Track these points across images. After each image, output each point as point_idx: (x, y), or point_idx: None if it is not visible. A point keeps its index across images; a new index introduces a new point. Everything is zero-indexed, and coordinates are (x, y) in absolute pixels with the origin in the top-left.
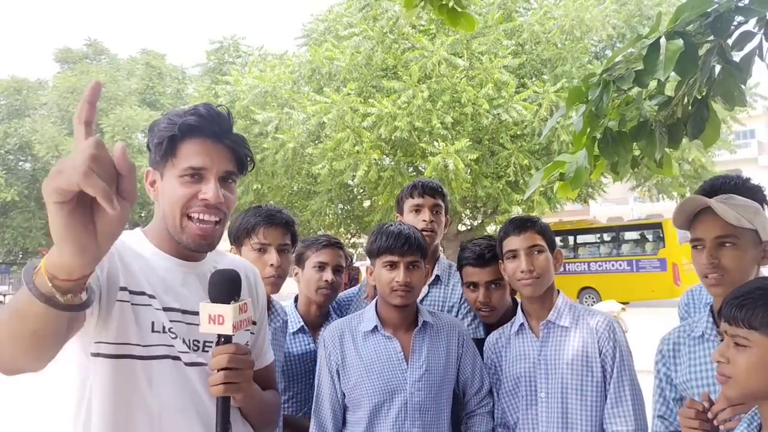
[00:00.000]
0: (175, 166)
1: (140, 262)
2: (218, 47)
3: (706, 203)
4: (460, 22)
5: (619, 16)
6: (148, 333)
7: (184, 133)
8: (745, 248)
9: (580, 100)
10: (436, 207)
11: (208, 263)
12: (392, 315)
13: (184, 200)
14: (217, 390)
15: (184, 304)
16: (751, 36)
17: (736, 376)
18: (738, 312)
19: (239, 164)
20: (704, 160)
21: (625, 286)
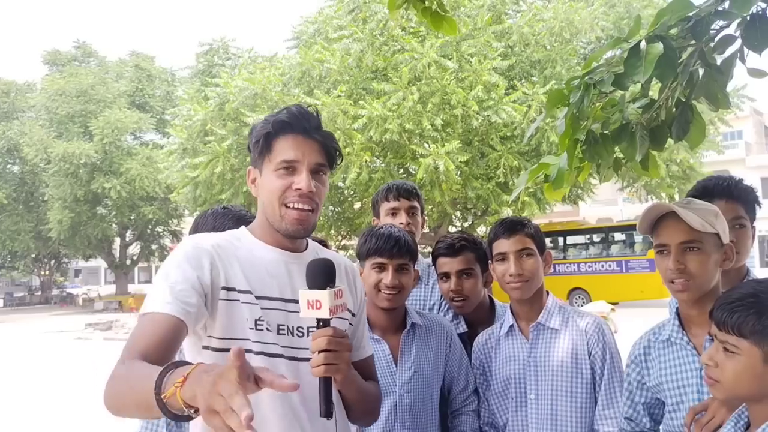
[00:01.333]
0: (271, 161)
1: (242, 261)
2: (208, 49)
3: (670, 209)
4: (442, 25)
5: (607, 18)
6: (263, 331)
7: (277, 130)
8: (710, 252)
9: (561, 103)
10: (412, 209)
11: (309, 254)
12: (380, 317)
13: (280, 191)
14: (318, 371)
15: (284, 293)
16: (732, 39)
17: (724, 381)
18: (729, 318)
19: (329, 158)
20: (692, 161)
21: (615, 286)
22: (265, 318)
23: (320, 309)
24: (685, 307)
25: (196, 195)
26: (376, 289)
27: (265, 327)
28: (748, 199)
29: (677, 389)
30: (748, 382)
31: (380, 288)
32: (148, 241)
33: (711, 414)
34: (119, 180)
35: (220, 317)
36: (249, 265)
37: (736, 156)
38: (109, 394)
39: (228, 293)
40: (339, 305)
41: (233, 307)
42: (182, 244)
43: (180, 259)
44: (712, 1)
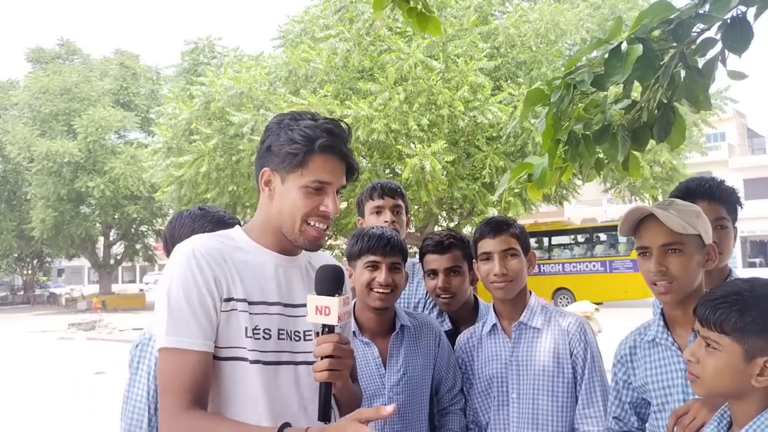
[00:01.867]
0: (303, 177)
1: (240, 266)
2: (193, 48)
3: (650, 211)
4: (427, 26)
5: (593, 20)
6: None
7: (321, 150)
8: (691, 254)
9: (541, 102)
10: (396, 207)
11: (303, 257)
12: (370, 319)
13: (307, 210)
14: (321, 376)
15: (284, 297)
16: (713, 42)
17: (704, 377)
18: (712, 315)
19: (349, 176)
20: (675, 162)
21: (599, 286)
22: (264, 324)
23: (329, 315)
24: (669, 308)
25: (180, 194)
26: (369, 289)
27: (262, 335)
28: (730, 200)
29: (662, 390)
30: (728, 378)
31: (373, 287)
32: (132, 241)
33: (693, 415)
34: (103, 179)
35: (221, 328)
36: (246, 271)
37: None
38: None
39: (228, 304)
40: (345, 312)
41: (232, 316)
42: (183, 256)
43: (192, 278)
44: (693, 4)
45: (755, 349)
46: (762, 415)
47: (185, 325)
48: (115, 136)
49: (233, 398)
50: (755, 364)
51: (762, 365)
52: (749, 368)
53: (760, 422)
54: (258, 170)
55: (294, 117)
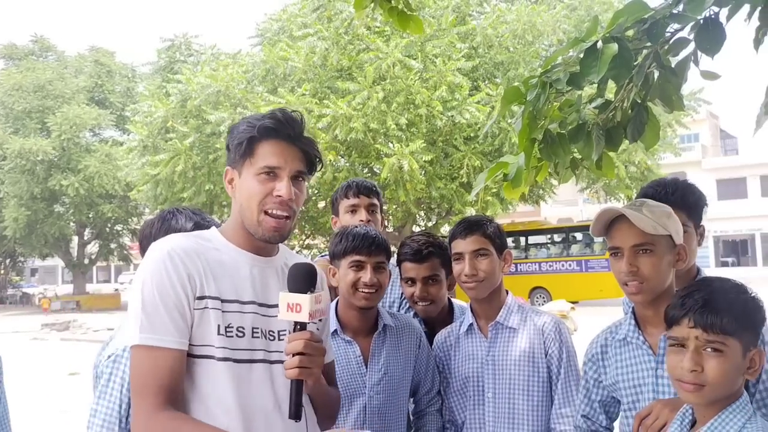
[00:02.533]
0: (253, 165)
1: (214, 265)
2: (169, 45)
3: (621, 212)
4: (409, 25)
5: (569, 21)
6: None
7: (262, 135)
8: (662, 254)
9: (517, 101)
10: (371, 206)
11: (280, 259)
12: (353, 318)
13: (260, 196)
14: (292, 373)
15: (259, 297)
16: (686, 42)
17: (712, 383)
18: (716, 319)
19: (309, 165)
20: (650, 162)
21: (575, 285)
22: (237, 323)
23: (300, 312)
24: (640, 307)
25: (156, 193)
26: (354, 288)
27: (235, 333)
28: (688, 203)
29: (633, 388)
30: (732, 378)
31: (358, 287)
32: (107, 240)
33: (655, 415)
34: (77, 177)
35: (195, 326)
36: (220, 270)
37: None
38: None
39: (201, 302)
40: (318, 310)
41: (204, 314)
42: (158, 254)
43: (165, 276)
44: (667, 3)
45: (748, 344)
46: (724, 412)
47: (160, 322)
48: (90, 134)
49: (206, 396)
50: (747, 358)
51: (751, 357)
52: (744, 363)
53: (720, 420)
54: None
55: (249, 116)
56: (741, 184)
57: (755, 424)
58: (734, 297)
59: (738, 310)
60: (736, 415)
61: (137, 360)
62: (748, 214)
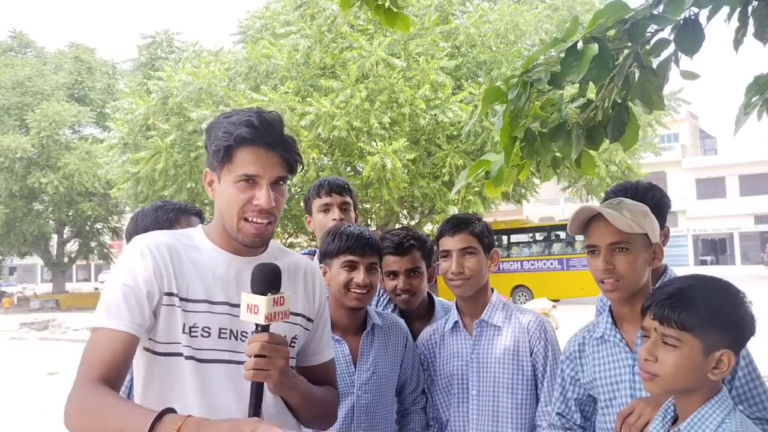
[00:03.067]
0: (231, 172)
1: (188, 264)
2: (150, 42)
3: (598, 211)
4: (396, 22)
5: (551, 21)
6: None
7: (238, 143)
8: (638, 252)
9: (498, 100)
10: (344, 204)
11: (265, 257)
12: (343, 317)
13: (240, 204)
14: (248, 375)
15: (233, 298)
16: (666, 43)
17: (663, 374)
18: (671, 313)
19: (289, 167)
20: (630, 162)
21: (556, 284)
22: (203, 323)
23: (257, 314)
24: (616, 305)
25: (137, 191)
26: (346, 289)
27: (200, 333)
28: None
29: (610, 385)
30: (686, 374)
31: (350, 287)
32: (86, 238)
33: (638, 414)
34: (57, 175)
35: (161, 322)
36: (194, 269)
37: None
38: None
39: (170, 299)
40: (279, 312)
41: (172, 312)
42: (133, 247)
43: (132, 266)
44: (648, 4)
45: (712, 343)
46: (704, 407)
47: (115, 308)
48: (70, 131)
49: (169, 393)
50: (712, 358)
51: (718, 358)
52: (707, 362)
53: (701, 415)
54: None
55: (228, 115)
56: (720, 184)
57: (734, 419)
58: (705, 295)
59: (704, 309)
60: (716, 410)
61: (90, 340)
62: (726, 214)
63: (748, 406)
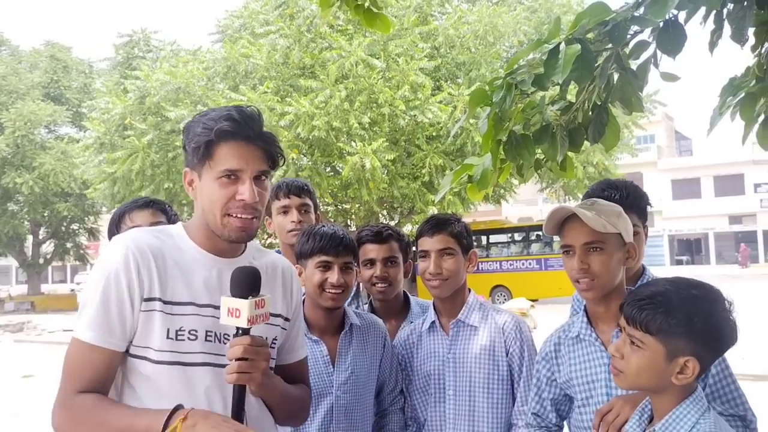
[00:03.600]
0: (213, 168)
1: (180, 268)
2: (127, 41)
3: (573, 211)
4: (376, 23)
5: (529, 23)
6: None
7: (219, 138)
8: (612, 252)
9: (484, 102)
10: (303, 206)
11: (245, 259)
12: (320, 318)
13: (223, 200)
14: (231, 378)
15: (215, 300)
16: (646, 45)
17: (627, 372)
18: (638, 314)
19: (271, 162)
20: (607, 163)
21: (535, 283)
22: (190, 326)
23: (239, 318)
24: (591, 304)
25: (114, 191)
26: (321, 289)
27: (187, 336)
28: (639, 205)
29: (586, 384)
30: (649, 375)
31: (325, 287)
32: (62, 239)
33: (616, 412)
34: (32, 175)
35: (140, 327)
36: (177, 271)
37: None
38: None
39: (149, 304)
40: (260, 315)
41: (152, 316)
42: (114, 249)
43: (114, 271)
44: (628, 6)
45: (677, 349)
46: (677, 408)
47: (100, 322)
48: (45, 130)
49: (147, 397)
50: (676, 363)
51: (683, 364)
52: (671, 367)
53: (676, 415)
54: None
55: (205, 113)
56: (695, 185)
57: (708, 419)
58: (677, 302)
59: (672, 315)
60: (691, 409)
61: (73, 350)
62: (701, 214)
63: (720, 403)
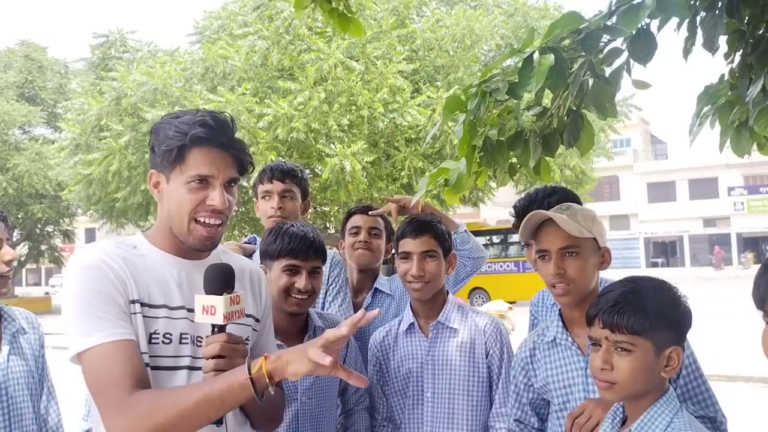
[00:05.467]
0: (183, 172)
1: (140, 271)
2: (104, 41)
3: (549, 216)
4: (349, 27)
5: (506, 26)
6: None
7: (193, 143)
8: (587, 257)
9: (459, 109)
10: (286, 192)
11: (211, 260)
12: (284, 322)
13: (192, 205)
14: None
15: (188, 302)
16: (619, 52)
17: (621, 381)
18: (621, 319)
19: (241, 169)
20: (584, 166)
21: (512, 286)
22: (164, 329)
23: (215, 315)
24: (567, 309)
25: (89, 193)
26: (286, 294)
27: (161, 339)
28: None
29: (563, 389)
30: (643, 376)
31: (291, 292)
32: (37, 242)
33: (588, 415)
34: (6, 176)
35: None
36: (149, 276)
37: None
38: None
39: (133, 306)
40: (235, 311)
41: (135, 320)
42: (83, 264)
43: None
44: (602, 15)
45: (663, 342)
46: (652, 408)
47: (100, 322)
48: (20, 131)
49: None
50: (663, 356)
51: (668, 356)
52: (659, 361)
53: (650, 415)
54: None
55: (176, 115)
56: (670, 188)
57: (682, 419)
58: (647, 296)
59: (650, 310)
60: (664, 410)
61: (88, 364)
62: (677, 217)
63: (691, 404)
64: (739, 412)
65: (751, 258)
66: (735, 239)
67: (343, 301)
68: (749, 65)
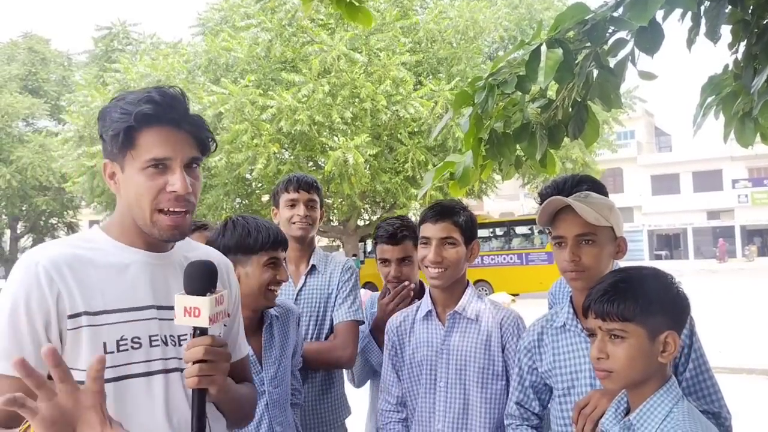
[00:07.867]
0: (136, 158)
1: (107, 272)
2: (107, 33)
3: (567, 203)
4: (358, 16)
5: (510, 18)
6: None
7: (140, 123)
8: (603, 245)
9: (467, 103)
10: (311, 202)
11: (177, 253)
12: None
13: (152, 194)
14: (192, 382)
15: (159, 300)
16: (624, 43)
17: (618, 369)
18: (611, 306)
19: (202, 147)
20: (587, 159)
21: (516, 278)
22: (131, 333)
23: (199, 317)
24: (578, 295)
25: (93, 185)
26: (266, 288)
27: (129, 345)
28: None
29: (569, 374)
30: (640, 363)
31: (272, 285)
32: (41, 234)
33: (593, 405)
34: (9, 168)
35: (68, 348)
36: (106, 277)
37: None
38: None
39: (75, 321)
40: (220, 312)
41: (78, 335)
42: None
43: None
44: (608, 6)
45: (656, 328)
46: (652, 397)
47: (10, 351)
48: (23, 123)
49: None
50: (659, 342)
51: (664, 341)
52: (655, 347)
53: (650, 404)
54: None
55: (121, 96)
56: (674, 180)
57: (681, 408)
58: (636, 283)
59: (639, 296)
60: (665, 399)
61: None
62: (680, 209)
63: (696, 398)
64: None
65: (755, 250)
66: (739, 232)
67: (353, 304)
68: (753, 55)
